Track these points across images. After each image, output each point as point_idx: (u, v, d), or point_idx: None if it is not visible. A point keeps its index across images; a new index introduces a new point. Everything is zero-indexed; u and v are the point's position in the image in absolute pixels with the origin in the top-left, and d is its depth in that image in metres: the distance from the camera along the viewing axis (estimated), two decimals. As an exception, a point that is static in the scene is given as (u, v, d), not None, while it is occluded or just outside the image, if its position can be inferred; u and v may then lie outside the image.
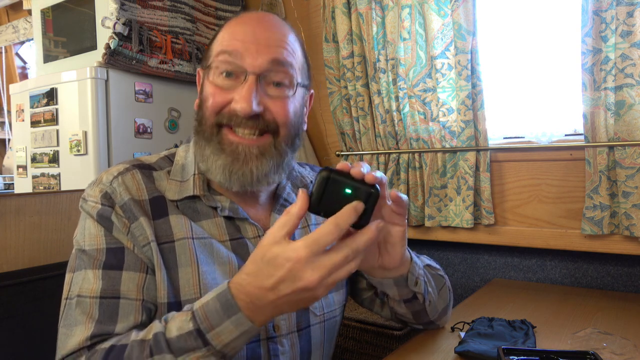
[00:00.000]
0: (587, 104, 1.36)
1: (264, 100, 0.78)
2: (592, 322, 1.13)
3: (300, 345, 0.85)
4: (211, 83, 0.80)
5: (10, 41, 3.16)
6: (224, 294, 0.64)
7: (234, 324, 0.63)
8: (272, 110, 0.79)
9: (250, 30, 0.79)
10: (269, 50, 0.79)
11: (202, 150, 0.81)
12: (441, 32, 1.57)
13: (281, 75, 0.80)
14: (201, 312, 0.64)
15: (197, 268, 0.78)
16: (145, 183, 0.81)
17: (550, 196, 1.52)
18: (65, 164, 1.88)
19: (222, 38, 0.81)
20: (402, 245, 0.77)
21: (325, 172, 0.62)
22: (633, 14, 1.27)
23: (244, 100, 0.76)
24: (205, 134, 0.81)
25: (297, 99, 0.83)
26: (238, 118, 0.77)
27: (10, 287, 0.99)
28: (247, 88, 0.76)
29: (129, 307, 0.73)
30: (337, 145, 1.99)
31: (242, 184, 0.79)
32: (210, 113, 0.79)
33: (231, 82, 0.79)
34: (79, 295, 0.73)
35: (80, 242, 0.78)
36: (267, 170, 0.80)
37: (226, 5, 2.15)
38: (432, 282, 0.91)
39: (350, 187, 0.62)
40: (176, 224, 0.79)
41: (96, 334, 0.71)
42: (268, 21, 0.83)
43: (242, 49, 0.78)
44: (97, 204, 0.78)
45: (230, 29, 0.81)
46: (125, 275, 0.75)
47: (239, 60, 0.78)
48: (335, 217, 0.60)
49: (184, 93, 2.03)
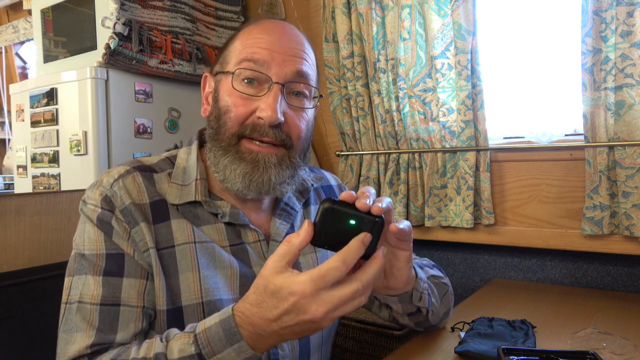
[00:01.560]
0: (587, 104, 1.36)
1: (285, 111, 0.79)
2: (592, 322, 1.13)
3: (299, 348, 0.85)
4: (232, 90, 0.79)
5: (10, 41, 3.16)
6: (228, 321, 0.63)
7: (236, 351, 0.62)
8: (289, 122, 0.79)
9: (276, 40, 0.79)
10: (294, 60, 0.79)
11: (218, 159, 0.81)
12: (441, 32, 1.57)
13: (302, 87, 0.81)
14: (204, 336, 0.64)
15: (198, 273, 0.77)
16: (146, 186, 0.80)
17: (550, 196, 1.52)
18: (65, 164, 1.88)
19: (245, 45, 0.80)
20: (408, 268, 0.76)
21: (327, 203, 0.60)
22: (633, 14, 1.27)
23: (270, 109, 0.76)
24: (222, 143, 0.80)
25: (311, 113, 0.84)
26: (262, 128, 0.77)
27: (10, 287, 0.99)
28: (272, 97, 0.77)
29: (129, 314, 0.73)
30: (337, 145, 1.99)
31: (259, 192, 0.79)
32: (233, 123, 0.79)
33: (253, 90, 0.78)
34: (79, 301, 0.73)
35: (79, 246, 0.77)
36: (283, 179, 0.80)
37: (226, 5, 2.15)
38: (435, 292, 0.91)
39: (355, 218, 0.61)
40: (177, 229, 0.79)
41: (96, 343, 0.71)
42: (291, 31, 0.83)
43: (269, 57, 0.78)
44: (97, 207, 0.77)
45: (253, 36, 0.80)
46: (126, 282, 0.74)
47: (265, 69, 0.77)
48: (343, 252, 0.59)
49: (184, 93, 2.03)
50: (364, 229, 0.60)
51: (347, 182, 1.87)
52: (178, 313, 0.76)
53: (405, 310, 0.87)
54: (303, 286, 0.58)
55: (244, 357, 0.63)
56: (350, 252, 0.59)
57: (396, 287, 0.78)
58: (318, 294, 0.58)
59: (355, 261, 0.59)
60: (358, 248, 0.59)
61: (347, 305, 0.59)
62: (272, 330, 0.61)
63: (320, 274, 0.58)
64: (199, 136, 0.90)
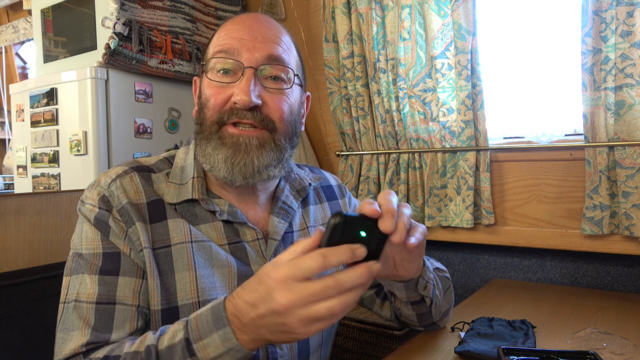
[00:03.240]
0: (587, 104, 1.36)
1: (262, 93, 0.79)
2: (592, 322, 1.13)
3: (298, 347, 0.85)
4: (209, 82, 0.80)
5: (10, 41, 3.16)
6: (218, 306, 0.63)
7: (221, 337, 0.61)
8: (269, 104, 0.79)
9: (246, 28, 0.80)
10: (265, 45, 0.79)
11: (203, 149, 0.81)
12: (441, 32, 1.57)
13: (277, 70, 0.80)
14: (194, 321, 0.64)
15: (194, 272, 0.77)
16: (144, 186, 0.81)
17: (550, 196, 1.52)
18: (65, 164, 1.88)
19: (218, 38, 0.82)
20: (419, 261, 0.77)
21: (338, 217, 0.57)
22: (633, 14, 1.27)
23: (243, 93, 0.76)
24: (205, 133, 0.81)
25: (294, 96, 0.83)
26: (239, 112, 0.77)
27: (10, 287, 0.99)
28: (245, 80, 0.77)
29: (125, 313, 0.73)
30: (337, 145, 1.99)
31: (244, 175, 0.79)
32: (212, 112, 0.79)
33: (229, 79, 0.79)
34: (76, 299, 0.74)
35: (77, 246, 0.78)
36: (267, 162, 0.80)
37: (226, 5, 2.15)
38: (439, 284, 0.91)
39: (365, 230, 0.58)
40: (174, 228, 0.79)
41: (92, 342, 0.71)
42: (263, 19, 0.84)
43: (238, 45, 0.79)
44: (94, 207, 0.78)
45: (226, 29, 0.82)
46: (122, 281, 0.75)
47: (236, 56, 0.78)
48: (326, 248, 0.56)
49: (184, 93, 2.03)
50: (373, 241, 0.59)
51: (347, 182, 1.87)
52: (174, 313, 0.76)
53: (409, 299, 0.87)
54: (278, 270, 0.57)
55: (229, 346, 0.61)
56: (335, 251, 0.56)
57: (405, 277, 0.79)
58: (288, 281, 0.56)
59: (336, 262, 0.56)
60: (345, 252, 0.56)
61: (317, 304, 0.55)
62: (250, 318, 0.59)
63: (297, 261, 0.56)
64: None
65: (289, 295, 0.55)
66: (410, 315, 0.93)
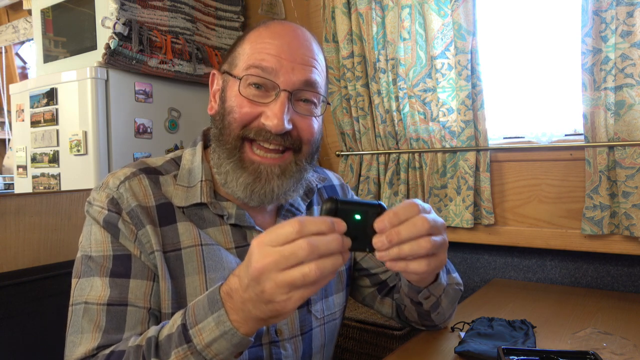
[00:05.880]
0: (587, 104, 1.36)
1: (293, 117, 0.78)
2: (592, 322, 1.13)
3: (302, 348, 0.85)
4: (239, 94, 0.78)
5: (10, 41, 3.16)
6: (214, 289, 0.64)
7: (215, 320, 0.61)
8: (300, 128, 0.79)
9: (285, 45, 0.77)
10: (303, 69, 0.78)
11: (220, 161, 0.80)
12: (441, 32, 1.57)
13: (310, 94, 0.79)
14: (192, 308, 0.65)
15: (204, 276, 0.77)
16: (152, 189, 0.80)
17: (550, 196, 1.52)
18: (65, 164, 1.88)
19: (254, 50, 0.79)
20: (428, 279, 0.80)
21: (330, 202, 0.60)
22: (633, 14, 1.27)
23: (276, 118, 0.75)
24: (227, 145, 0.79)
25: (321, 118, 0.84)
26: (267, 134, 0.76)
27: (10, 287, 0.99)
28: (279, 105, 0.75)
29: (136, 315, 0.73)
30: (337, 145, 1.99)
31: (262, 201, 0.79)
32: (237, 125, 0.78)
33: (260, 94, 0.77)
34: (85, 302, 0.73)
35: (86, 248, 0.77)
36: (287, 188, 0.80)
37: (226, 5, 2.15)
38: (448, 298, 0.90)
39: (359, 212, 0.60)
40: (184, 231, 0.79)
41: (103, 345, 0.71)
42: (302, 36, 0.81)
43: (277, 65, 0.76)
44: (103, 209, 0.77)
45: (262, 41, 0.79)
46: (133, 283, 0.74)
47: (273, 77, 0.76)
48: (304, 217, 0.58)
49: (184, 93, 2.03)
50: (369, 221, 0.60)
51: (347, 182, 1.87)
52: None
53: (409, 296, 0.88)
54: (259, 236, 0.58)
55: (222, 329, 0.61)
56: (312, 219, 0.56)
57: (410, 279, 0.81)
58: (264, 245, 0.56)
59: (312, 230, 0.55)
60: (324, 221, 0.56)
61: (291, 270, 0.55)
62: (238, 295, 0.60)
63: (274, 226, 0.57)
64: (204, 137, 0.89)
65: (262, 259, 0.56)
66: (412, 310, 0.93)
